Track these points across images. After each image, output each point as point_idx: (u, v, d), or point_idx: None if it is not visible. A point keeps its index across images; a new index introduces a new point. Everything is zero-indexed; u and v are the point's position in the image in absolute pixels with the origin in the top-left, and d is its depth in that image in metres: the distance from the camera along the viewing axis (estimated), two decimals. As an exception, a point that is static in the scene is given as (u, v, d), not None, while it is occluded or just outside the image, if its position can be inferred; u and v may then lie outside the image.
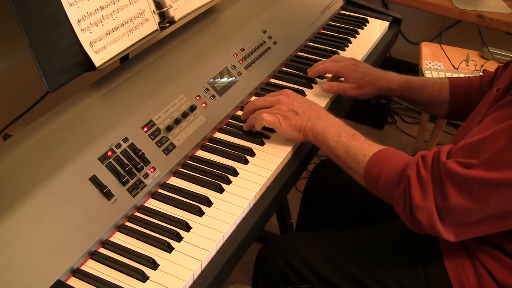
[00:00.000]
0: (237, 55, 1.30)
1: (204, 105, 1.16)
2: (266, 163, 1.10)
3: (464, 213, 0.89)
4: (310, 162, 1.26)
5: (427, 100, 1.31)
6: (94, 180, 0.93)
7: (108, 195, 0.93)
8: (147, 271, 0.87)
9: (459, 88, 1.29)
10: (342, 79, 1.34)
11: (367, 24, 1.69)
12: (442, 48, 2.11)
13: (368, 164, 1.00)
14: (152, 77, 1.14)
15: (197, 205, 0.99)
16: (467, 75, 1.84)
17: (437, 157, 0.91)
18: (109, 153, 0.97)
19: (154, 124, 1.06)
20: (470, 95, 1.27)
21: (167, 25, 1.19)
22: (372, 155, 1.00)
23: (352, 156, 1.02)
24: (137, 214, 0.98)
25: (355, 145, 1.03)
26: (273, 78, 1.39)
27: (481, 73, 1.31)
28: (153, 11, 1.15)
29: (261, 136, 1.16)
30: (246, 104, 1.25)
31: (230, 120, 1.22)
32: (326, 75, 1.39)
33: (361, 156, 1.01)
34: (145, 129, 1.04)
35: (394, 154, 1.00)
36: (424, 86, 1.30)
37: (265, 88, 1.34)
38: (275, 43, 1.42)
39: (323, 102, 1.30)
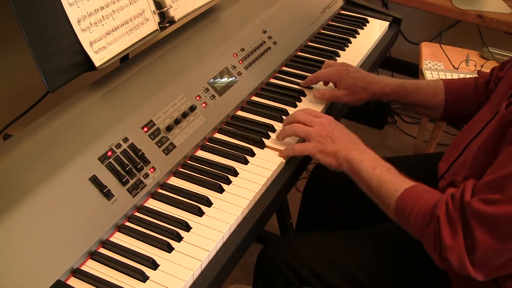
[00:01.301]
0: (237, 55, 1.30)
1: (204, 105, 1.16)
2: (266, 163, 1.10)
3: (493, 253, 0.87)
4: (310, 162, 1.26)
5: (421, 104, 1.30)
6: (94, 180, 0.93)
7: (108, 195, 0.93)
8: (147, 271, 0.87)
9: (455, 91, 1.28)
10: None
11: (367, 24, 1.69)
12: (442, 48, 2.10)
13: (399, 200, 0.98)
14: (152, 77, 1.14)
15: (197, 205, 0.99)
16: (466, 75, 1.85)
17: (463, 196, 0.90)
18: (109, 153, 0.97)
19: (154, 124, 1.06)
20: (465, 97, 1.27)
21: (167, 25, 1.19)
22: (403, 191, 0.98)
23: (385, 190, 1.01)
24: (137, 214, 0.98)
25: (389, 179, 1.01)
26: (273, 78, 1.38)
27: (476, 75, 1.30)
28: (153, 11, 1.15)
29: (261, 136, 1.16)
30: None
31: (230, 120, 1.22)
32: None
33: (393, 190, 0.99)
34: (145, 129, 1.04)
35: (426, 191, 0.98)
36: (418, 89, 1.29)
37: (265, 88, 1.34)
38: (275, 43, 1.42)
39: (321, 105, 1.30)
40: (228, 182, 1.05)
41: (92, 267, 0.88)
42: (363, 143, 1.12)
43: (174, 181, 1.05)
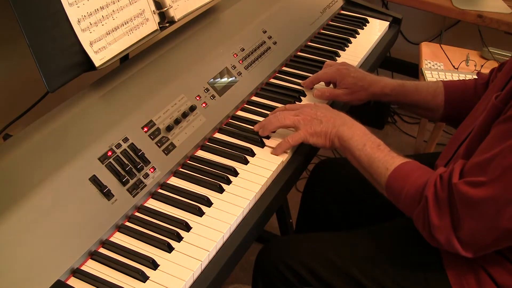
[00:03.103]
0: (237, 55, 1.30)
1: (204, 105, 1.16)
2: (266, 163, 1.10)
3: (479, 233, 0.90)
4: (310, 162, 1.27)
5: (421, 105, 1.31)
6: (94, 180, 0.93)
7: (108, 195, 0.93)
8: (147, 271, 0.87)
9: (454, 92, 1.28)
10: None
11: (367, 24, 1.69)
12: (442, 48, 2.10)
13: (390, 179, 1.00)
14: (152, 77, 1.14)
15: (197, 205, 0.99)
16: (467, 75, 1.85)
17: (450, 177, 0.92)
18: (109, 153, 0.97)
19: (154, 124, 1.06)
20: (465, 98, 1.27)
21: (167, 25, 1.19)
22: (393, 170, 1.00)
23: (375, 168, 1.03)
24: (137, 214, 0.98)
25: (379, 157, 1.03)
26: (273, 78, 1.38)
27: (475, 77, 1.30)
28: (153, 11, 1.15)
29: (261, 136, 1.16)
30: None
31: (230, 120, 1.22)
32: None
33: (383, 169, 1.01)
34: (145, 129, 1.04)
35: (415, 169, 1.00)
36: (418, 90, 1.30)
37: (265, 88, 1.34)
38: (275, 43, 1.42)
39: (325, 101, 1.30)
40: (228, 182, 1.05)
41: (92, 267, 0.88)
42: (350, 117, 1.13)
43: (174, 181, 1.05)
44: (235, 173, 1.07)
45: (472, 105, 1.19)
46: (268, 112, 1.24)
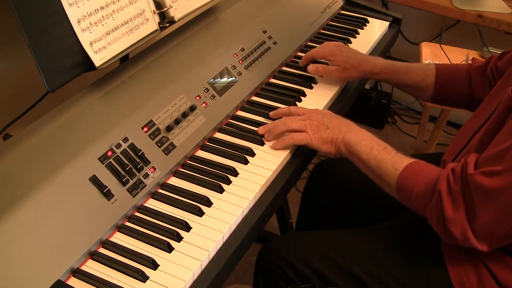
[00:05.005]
0: (237, 55, 1.30)
1: (204, 105, 1.16)
2: (266, 163, 1.10)
3: (495, 224, 0.90)
4: (310, 162, 1.27)
5: (410, 84, 1.35)
6: (94, 180, 0.93)
7: (108, 195, 0.93)
8: (147, 271, 0.87)
9: (445, 73, 1.31)
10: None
11: (367, 24, 1.69)
12: (442, 48, 2.11)
13: (400, 178, 1.00)
14: (152, 77, 1.14)
15: (197, 205, 0.99)
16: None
17: (465, 169, 0.92)
18: (109, 153, 0.97)
19: (154, 124, 1.06)
20: (456, 80, 1.30)
21: (167, 25, 1.19)
22: (403, 169, 1.01)
23: (384, 169, 1.03)
24: (137, 214, 0.98)
25: (387, 158, 1.04)
26: (273, 78, 1.39)
27: (470, 61, 1.33)
28: (153, 11, 1.15)
29: (261, 136, 1.16)
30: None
31: (230, 120, 1.22)
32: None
33: (393, 169, 1.02)
34: (145, 129, 1.04)
35: (424, 167, 1.00)
36: (408, 70, 1.34)
37: (265, 88, 1.34)
38: (275, 43, 1.42)
39: (324, 101, 1.31)
40: (228, 182, 1.05)
41: (92, 267, 0.88)
42: (355, 124, 1.14)
43: (174, 181, 1.05)
44: (235, 173, 1.07)
45: (463, 88, 1.22)
46: (268, 112, 1.24)
